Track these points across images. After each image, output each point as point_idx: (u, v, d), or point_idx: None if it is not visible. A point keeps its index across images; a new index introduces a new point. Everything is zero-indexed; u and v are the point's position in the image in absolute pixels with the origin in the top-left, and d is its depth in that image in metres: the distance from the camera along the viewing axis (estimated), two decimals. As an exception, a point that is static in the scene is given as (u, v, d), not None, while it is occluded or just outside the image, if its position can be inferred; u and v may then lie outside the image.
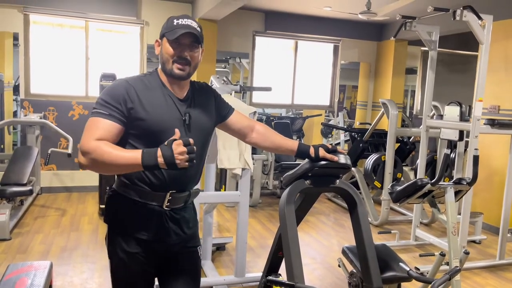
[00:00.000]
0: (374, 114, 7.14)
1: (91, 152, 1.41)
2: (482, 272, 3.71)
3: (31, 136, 5.05)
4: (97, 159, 1.41)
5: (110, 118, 1.48)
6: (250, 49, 6.46)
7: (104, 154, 1.40)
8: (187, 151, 1.37)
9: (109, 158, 1.40)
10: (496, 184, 4.71)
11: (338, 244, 4.22)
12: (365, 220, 1.92)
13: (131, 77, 1.60)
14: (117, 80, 1.60)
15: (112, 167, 1.44)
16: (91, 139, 1.43)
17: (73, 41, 5.62)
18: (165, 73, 1.59)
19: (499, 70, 4.73)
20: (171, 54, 1.55)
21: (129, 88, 1.52)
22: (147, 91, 1.55)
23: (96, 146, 1.41)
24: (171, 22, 1.58)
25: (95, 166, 1.44)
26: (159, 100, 1.55)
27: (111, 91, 1.52)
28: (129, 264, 1.60)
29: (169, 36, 1.55)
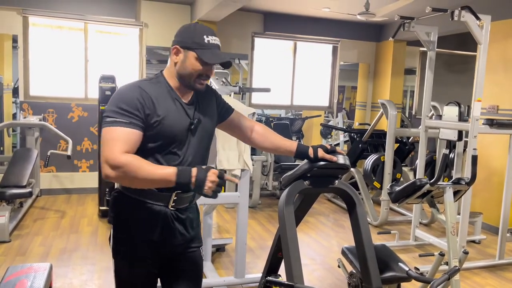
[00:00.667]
0: (373, 114, 7.14)
1: (122, 167, 1.41)
2: (482, 272, 3.72)
3: (31, 138, 5.05)
4: (129, 174, 1.41)
5: (131, 126, 1.46)
6: (249, 50, 6.47)
7: (138, 169, 1.41)
8: (218, 183, 1.42)
9: (142, 173, 1.42)
10: (495, 184, 4.72)
11: (337, 245, 4.22)
12: (364, 221, 1.92)
13: (140, 81, 1.57)
14: (127, 85, 1.56)
15: (143, 181, 1.45)
16: (120, 152, 1.42)
17: (72, 43, 5.62)
18: (181, 81, 1.58)
19: (497, 70, 4.74)
20: (198, 71, 1.56)
21: (143, 93, 1.51)
22: (158, 96, 1.54)
23: (128, 161, 1.41)
24: (201, 38, 1.55)
25: (125, 179, 1.45)
26: (170, 104, 1.56)
27: (126, 98, 1.49)
28: (134, 264, 1.60)
29: (203, 56, 1.53)
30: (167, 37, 5.87)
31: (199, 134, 1.62)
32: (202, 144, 1.66)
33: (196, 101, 1.66)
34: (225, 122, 1.82)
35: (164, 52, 6.22)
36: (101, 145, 1.47)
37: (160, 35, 5.87)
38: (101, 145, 1.47)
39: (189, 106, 1.62)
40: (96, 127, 5.63)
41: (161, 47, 6.06)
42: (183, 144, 1.58)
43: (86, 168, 5.74)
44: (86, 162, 5.73)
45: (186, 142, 1.59)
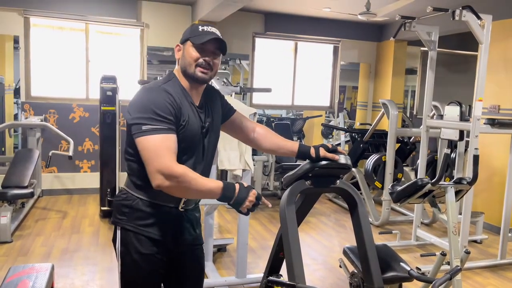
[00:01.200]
0: (375, 114, 7.14)
1: (178, 177, 1.40)
2: (484, 271, 3.71)
3: (32, 139, 5.06)
4: (183, 184, 1.41)
5: (170, 131, 1.45)
6: (250, 51, 6.47)
7: (192, 180, 1.42)
8: (254, 203, 1.47)
9: (195, 185, 1.43)
10: (496, 184, 4.71)
11: (339, 245, 4.22)
12: (365, 221, 1.92)
13: (162, 84, 1.55)
14: (151, 88, 1.53)
15: (193, 193, 1.47)
16: (173, 162, 1.41)
17: (73, 44, 5.63)
18: (186, 76, 1.58)
19: (499, 69, 4.73)
20: (194, 58, 1.55)
21: (170, 97, 1.50)
22: (180, 99, 1.54)
23: (184, 172, 1.41)
24: (196, 28, 1.58)
25: (177, 190, 1.44)
26: (188, 108, 1.56)
27: (158, 103, 1.46)
28: (142, 265, 1.60)
29: (196, 40, 1.54)
30: (168, 38, 5.88)
31: (209, 136, 1.65)
32: (211, 146, 1.69)
33: (205, 103, 1.67)
34: (227, 123, 1.83)
35: (165, 52, 6.23)
36: (145, 155, 1.43)
37: (161, 35, 5.87)
38: (143, 155, 1.43)
39: (201, 110, 1.63)
40: (97, 127, 5.63)
41: (162, 47, 6.06)
42: (198, 146, 1.60)
43: (87, 169, 5.75)
44: (87, 163, 5.74)
45: (200, 145, 1.61)
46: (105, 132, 4.66)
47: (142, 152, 1.44)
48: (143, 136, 1.43)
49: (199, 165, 1.61)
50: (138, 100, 1.50)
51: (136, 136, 1.45)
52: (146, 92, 1.52)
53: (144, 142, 1.43)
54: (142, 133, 1.43)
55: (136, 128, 1.45)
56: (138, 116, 1.45)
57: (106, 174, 4.69)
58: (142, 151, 1.44)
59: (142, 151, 1.44)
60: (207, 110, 1.66)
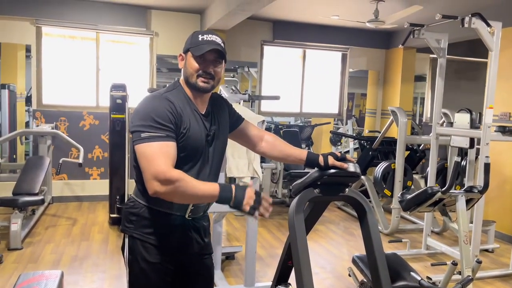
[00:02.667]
0: (383, 122, 7.10)
1: (174, 182, 1.40)
2: (495, 281, 3.65)
3: (43, 146, 5.11)
4: (180, 189, 1.41)
5: (168, 139, 1.46)
6: (258, 58, 6.50)
7: (188, 184, 1.42)
8: (255, 200, 1.46)
9: (192, 189, 1.43)
10: (508, 192, 4.65)
11: (348, 253, 4.19)
12: (375, 229, 1.90)
13: (164, 92, 1.57)
14: (153, 97, 1.55)
15: (191, 197, 1.46)
16: (169, 167, 1.41)
17: (84, 53, 5.71)
18: (189, 86, 1.60)
19: (509, 76, 4.69)
20: (195, 69, 1.57)
21: (171, 105, 1.51)
22: (182, 107, 1.55)
23: (180, 177, 1.41)
24: (196, 38, 1.59)
25: (175, 195, 1.43)
26: (191, 116, 1.57)
27: (158, 110, 1.48)
28: (150, 274, 1.60)
29: (195, 51, 1.56)
30: (177, 46, 5.93)
31: (215, 144, 1.65)
32: (217, 154, 1.68)
33: (211, 111, 1.67)
34: (235, 132, 1.83)
35: (174, 60, 6.28)
36: (142, 162, 1.43)
37: (170, 43, 5.93)
38: (141, 162, 1.44)
39: (206, 118, 1.63)
40: (107, 135, 5.68)
41: (171, 55, 6.12)
42: (202, 155, 1.60)
43: (97, 176, 5.79)
44: (97, 170, 5.78)
45: (204, 153, 1.61)
46: (115, 139, 4.69)
47: (139, 159, 1.46)
48: (141, 144, 1.44)
49: (204, 173, 1.61)
50: (140, 109, 1.52)
51: (135, 144, 1.47)
52: (148, 101, 1.54)
53: (142, 149, 1.44)
54: (140, 140, 1.45)
55: (136, 135, 1.47)
56: (139, 123, 1.47)
57: (115, 181, 4.72)
58: (139, 158, 1.45)
59: (139, 158, 1.45)
60: (213, 118, 1.66)
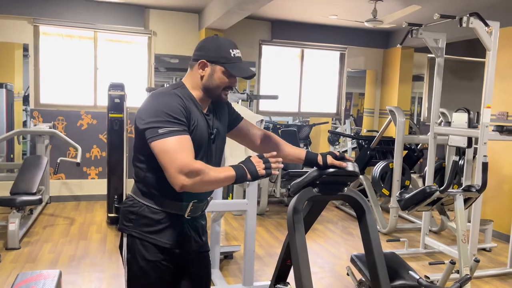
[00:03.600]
0: (381, 121, 7.12)
1: (199, 173, 1.42)
2: (493, 280, 3.67)
3: (41, 146, 5.10)
4: (205, 179, 1.43)
5: (185, 133, 1.47)
6: (256, 58, 6.50)
7: (210, 173, 1.45)
8: (263, 161, 1.53)
9: (214, 176, 1.46)
10: (506, 191, 4.66)
11: (346, 253, 4.19)
12: (373, 228, 1.91)
13: (174, 89, 1.58)
14: (162, 93, 1.55)
15: (214, 184, 1.50)
16: (192, 160, 1.43)
17: (82, 52, 5.69)
18: (207, 94, 1.61)
19: (507, 76, 4.71)
20: (225, 83, 1.59)
21: (180, 101, 1.52)
22: (189, 104, 1.56)
23: (202, 168, 1.43)
24: (227, 52, 1.58)
25: (201, 185, 1.45)
26: (196, 114, 1.58)
27: (170, 105, 1.48)
28: (149, 272, 1.60)
29: (233, 70, 1.57)
30: (175, 45, 5.93)
31: (217, 142, 1.67)
32: (218, 152, 1.71)
33: (213, 111, 1.68)
34: (234, 130, 1.84)
35: (172, 60, 6.27)
36: (163, 158, 1.42)
37: (168, 43, 5.92)
38: (161, 158, 1.43)
39: (208, 116, 1.64)
40: (105, 134, 5.67)
41: (170, 55, 6.11)
42: (205, 152, 1.61)
43: (95, 175, 5.78)
44: (95, 169, 5.77)
45: (208, 150, 1.63)
46: (113, 139, 4.69)
47: (159, 155, 1.44)
48: (160, 139, 1.43)
49: None
50: (150, 105, 1.51)
51: (152, 140, 1.44)
52: (157, 97, 1.53)
53: (161, 145, 1.43)
54: (158, 136, 1.43)
55: (151, 132, 1.44)
56: (153, 120, 1.45)
57: (113, 180, 4.71)
58: (160, 155, 1.43)
59: (160, 155, 1.43)
60: (215, 117, 1.68)
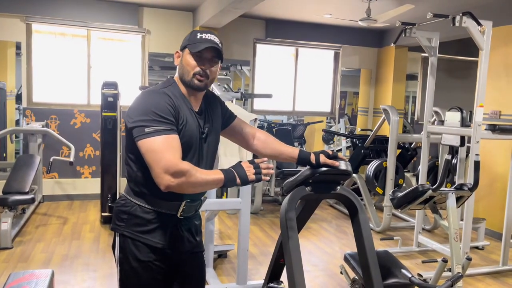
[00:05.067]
0: (375, 120, 7.14)
1: (185, 173, 1.41)
2: (485, 278, 3.69)
3: (33, 145, 5.06)
4: (191, 179, 1.42)
5: (172, 132, 1.46)
6: (251, 57, 6.49)
7: (197, 174, 1.44)
8: (253, 167, 1.53)
9: (201, 178, 1.45)
10: (498, 190, 4.70)
11: (340, 251, 4.21)
12: (366, 227, 1.91)
13: (163, 87, 1.56)
14: (150, 92, 1.54)
15: (201, 186, 1.49)
16: (178, 160, 1.41)
17: (75, 50, 5.66)
18: (184, 84, 1.59)
19: (499, 75, 4.74)
20: (192, 66, 1.56)
21: (169, 99, 1.51)
22: (179, 103, 1.54)
23: (189, 168, 1.42)
24: (194, 36, 1.58)
25: (187, 186, 1.44)
26: (186, 113, 1.56)
27: (158, 105, 1.47)
28: (141, 272, 1.59)
29: (192, 48, 1.55)
30: (169, 44, 5.91)
31: (208, 141, 1.65)
32: (211, 151, 1.69)
33: (205, 109, 1.67)
34: (228, 129, 1.83)
35: (167, 58, 6.25)
36: (149, 157, 1.42)
37: (162, 41, 5.90)
38: (148, 157, 1.42)
39: (199, 115, 1.63)
40: (98, 133, 5.65)
41: (163, 53, 6.09)
42: (196, 152, 1.60)
43: (88, 174, 5.75)
44: (88, 168, 5.75)
45: (199, 150, 1.61)
46: (106, 138, 4.66)
47: (145, 154, 1.43)
48: (146, 138, 1.42)
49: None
50: (138, 104, 1.50)
51: (138, 139, 1.44)
52: (146, 96, 1.53)
53: (147, 144, 1.42)
54: (145, 135, 1.42)
55: (138, 131, 1.44)
56: (140, 119, 1.45)
57: (107, 179, 4.69)
58: (146, 154, 1.43)
59: (146, 154, 1.43)
60: (207, 115, 1.66)
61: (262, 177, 1.54)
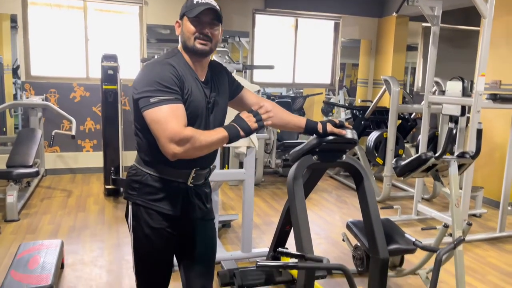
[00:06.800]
0: (375, 91, 7.14)
1: (189, 139, 1.42)
2: (483, 244, 3.80)
3: (34, 119, 5.06)
4: (196, 144, 1.44)
5: (177, 101, 1.46)
6: (250, 28, 6.41)
7: (201, 138, 1.45)
8: (253, 115, 1.55)
9: (206, 140, 1.46)
10: (497, 159, 4.76)
11: (341, 220, 4.29)
12: (371, 194, 1.96)
13: (165, 58, 1.56)
14: (155, 63, 1.55)
15: (206, 148, 1.49)
16: (182, 127, 1.42)
17: (72, 22, 5.57)
18: (187, 50, 1.59)
19: (500, 45, 4.71)
20: (192, 31, 1.56)
21: (174, 70, 1.51)
22: (184, 73, 1.55)
23: (192, 132, 1.43)
24: (191, 2, 1.57)
25: (193, 151, 1.45)
26: (192, 83, 1.57)
27: (162, 75, 1.47)
28: (154, 239, 1.64)
29: (190, 14, 1.55)
30: (167, 15, 5.82)
31: (215, 112, 1.66)
32: (217, 121, 1.68)
33: (211, 79, 1.67)
34: (235, 100, 1.84)
35: (163, 30, 6.16)
36: (155, 127, 1.43)
37: (161, 13, 5.81)
38: (153, 127, 1.44)
39: (206, 85, 1.63)
40: (98, 106, 5.63)
41: (161, 25, 6.00)
42: (202, 122, 1.60)
43: (89, 148, 5.77)
44: (89, 142, 5.76)
45: (205, 120, 1.61)
46: (107, 111, 4.66)
47: (151, 125, 1.45)
48: (152, 108, 1.44)
49: None
50: (143, 76, 1.51)
51: (144, 110, 1.45)
52: (150, 67, 1.53)
53: (153, 114, 1.44)
54: (150, 105, 1.44)
55: (143, 101, 1.46)
56: (145, 89, 1.46)
57: (109, 153, 4.72)
58: (151, 124, 1.45)
59: (151, 124, 1.45)
60: (213, 85, 1.67)
61: (264, 123, 1.56)
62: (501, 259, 3.51)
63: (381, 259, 1.85)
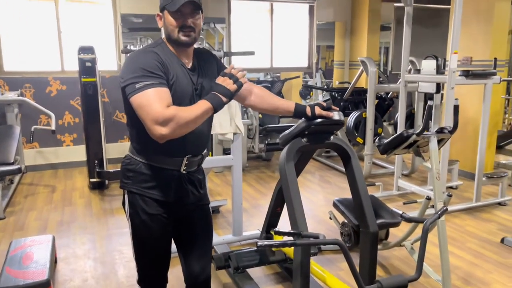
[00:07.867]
0: (352, 73, 7.26)
1: (172, 119, 1.44)
2: (461, 214, 4.00)
3: (11, 115, 4.96)
4: (181, 122, 1.46)
5: (161, 85, 1.49)
6: (226, 14, 6.39)
7: (184, 114, 1.47)
8: (228, 77, 1.58)
9: (190, 116, 1.48)
10: (470, 133, 4.96)
11: (325, 199, 4.42)
12: (359, 171, 2.05)
13: (152, 47, 1.60)
14: (139, 52, 1.59)
15: (193, 123, 1.51)
16: (164, 108, 1.44)
17: (43, 14, 5.43)
18: (172, 42, 1.63)
19: (470, 22, 4.87)
20: (174, 25, 1.59)
21: (157, 57, 1.54)
22: (169, 60, 1.58)
23: (175, 111, 1.45)
24: None
25: (179, 129, 1.47)
26: (177, 70, 1.60)
27: (146, 62, 1.51)
28: (151, 225, 1.69)
29: (170, 7, 1.58)
30: (141, 4, 5.73)
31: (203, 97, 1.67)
32: None
33: (198, 66, 1.70)
34: None
35: (135, 19, 6.07)
36: (140, 112, 1.46)
37: (135, 2, 5.72)
38: (139, 112, 1.47)
39: (192, 72, 1.67)
40: (76, 100, 5.55)
41: (133, 14, 5.90)
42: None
43: (70, 142, 5.70)
44: (69, 136, 5.68)
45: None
46: (88, 104, 4.60)
47: (137, 110, 1.48)
48: (137, 94, 1.47)
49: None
50: (127, 64, 1.55)
51: (130, 96, 1.49)
52: (135, 56, 1.57)
53: (138, 99, 1.47)
54: (136, 91, 1.47)
55: (129, 88, 1.49)
56: (130, 77, 1.50)
57: (92, 146, 4.68)
58: (137, 109, 1.48)
59: (137, 109, 1.48)
60: (201, 72, 1.70)
61: (241, 81, 1.60)
62: (479, 227, 3.71)
63: (371, 232, 1.95)
